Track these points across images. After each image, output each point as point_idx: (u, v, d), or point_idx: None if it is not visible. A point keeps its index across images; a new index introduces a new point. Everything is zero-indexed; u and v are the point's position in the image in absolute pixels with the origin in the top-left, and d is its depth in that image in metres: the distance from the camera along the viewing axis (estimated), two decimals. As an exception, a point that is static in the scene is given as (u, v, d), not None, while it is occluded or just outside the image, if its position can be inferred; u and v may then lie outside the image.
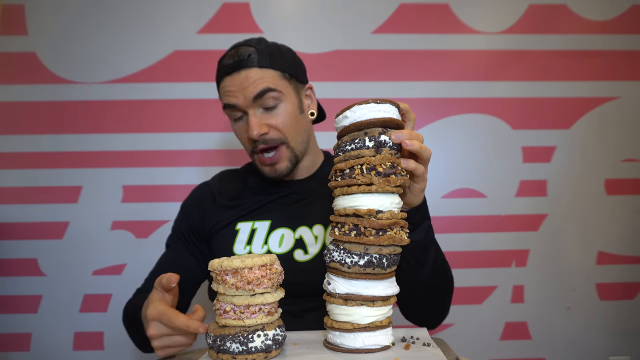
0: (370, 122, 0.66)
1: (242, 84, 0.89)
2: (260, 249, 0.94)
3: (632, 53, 1.59)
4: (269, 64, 0.91)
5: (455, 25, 1.58)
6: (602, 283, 1.60)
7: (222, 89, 0.93)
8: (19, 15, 1.52)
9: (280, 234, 0.95)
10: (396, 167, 0.65)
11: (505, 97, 1.59)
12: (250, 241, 0.95)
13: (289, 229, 0.96)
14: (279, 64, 0.92)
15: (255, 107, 0.90)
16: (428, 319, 0.90)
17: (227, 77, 0.91)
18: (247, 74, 0.89)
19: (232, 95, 0.90)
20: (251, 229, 0.96)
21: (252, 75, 0.89)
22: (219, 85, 0.95)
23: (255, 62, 0.89)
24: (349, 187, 0.65)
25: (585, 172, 1.60)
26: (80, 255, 1.54)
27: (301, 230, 0.95)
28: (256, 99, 0.89)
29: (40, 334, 1.53)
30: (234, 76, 0.90)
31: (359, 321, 0.66)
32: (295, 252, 0.94)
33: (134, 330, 0.89)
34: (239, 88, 0.89)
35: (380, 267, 0.65)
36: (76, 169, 1.53)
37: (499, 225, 1.59)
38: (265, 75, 0.90)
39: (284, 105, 0.92)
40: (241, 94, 0.89)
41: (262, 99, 0.89)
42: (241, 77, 0.89)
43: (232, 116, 0.94)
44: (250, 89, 0.88)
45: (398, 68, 1.58)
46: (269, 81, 0.90)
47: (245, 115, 0.92)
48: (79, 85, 1.53)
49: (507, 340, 1.60)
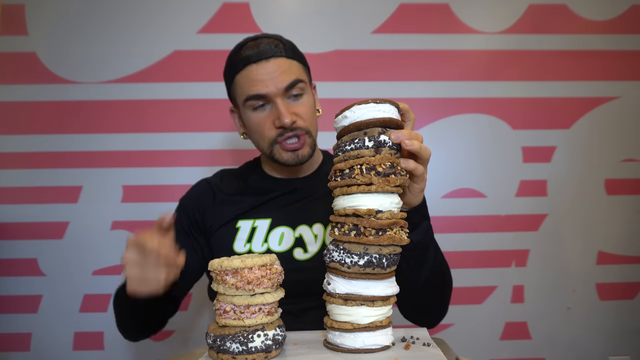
0: (369, 122, 0.66)
1: (273, 72, 0.89)
2: (260, 247, 0.95)
3: (632, 53, 1.59)
4: (293, 55, 0.93)
5: (455, 25, 1.58)
6: (602, 283, 1.60)
7: (245, 79, 0.91)
8: (19, 15, 1.52)
9: (280, 232, 0.96)
10: (396, 167, 0.65)
11: (505, 97, 1.59)
12: (250, 239, 0.95)
13: (289, 228, 0.96)
14: (300, 58, 0.95)
15: (284, 96, 0.91)
16: (427, 318, 0.90)
17: (253, 66, 0.90)
18: (277, 62, 0.89)
19: (262, 84, 0.89)
20: (252, 227, 0.96)
21: (282, 65, 0.90)
22: (234, 77, 0.94)
23: (283, 52, 0.91)
24: (349, 187, 0.65)
25: (585, 172, 1.60)
26: (80, 255, 1.54)
27: (301, 229, 0.96)
28: (288, 88, 0.90)
29: (40, 334, 1.53)
30: (263, 64, 0.89)
31: (359, 321, 0.66)
32: (295, 251, 0.94)
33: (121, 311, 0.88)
34: (270, 77, 0.89)
35: (380, 267, 0.65)
36: (76, 169, 1.53)
37: (499, 225, 1.59)
38: (293, 66, 0.92)
39: (306, 96, 0.94)
40: (272, 82, 0.89)
41: (292, 89, 0.91)
42: (271, 65, 0.89)
43: (251, 105, 0.92)
44: (281, 78, 0.89)
45: (398, 68, 1.58)
46: (296, 72, 0.92)
47: (267, 105, 0.92)
48: (79, 85, 1.53)
49: (507, 340, 1.60)
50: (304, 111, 0.93)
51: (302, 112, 0.93)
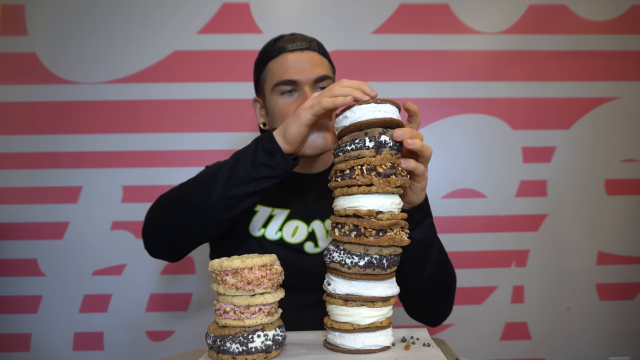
0: (370, 122, 0.65)
1: (306, 62, 0.94)
2: (274, 234, 0.96)
3: (633, 53, 1.59)
4: (325, 54, 1.00)
5: (455, 25, 1.58)
6: (602, 283, 1.60)
7: (278, 65, 0.96)
8: (19, 15, 1.52)
9: (295, 225, 0.97)
10: (396, 168, 0.65)
11: (505, 97, 1.59)
12: (266, 225, 0.97)
13: (304, 222, 0.98)
14: (330, 60, 1.02)
15: (313, 86, 0.95)
16: (432, 316, 0.91)
17: (288, 54, 0.95)
18: (312, 55, 0.96)
19: (294, 71, 0.94)
20: (269, 214, 0.98)
21: (316, 58, 0.96)
22: (266, 64, 0.98)
23: (317, 48, 0.98)
24: (349, 188, 0.65)
25: (586, 172, 1.60)
26: (80, 255, 1.54)
27: (314, 224, 0.98)
28: (317, 81, 0.94)
29: (40, 334, 1.53)
30: (299, 54, 0.95)
31: (359, 322, 0.66)
32: (306, 245, 0.96)
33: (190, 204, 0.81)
34: (302, 66, 0.94)
35: (381, 267, 0.65)
36: (76, 169, 1.53)
37: (499, 225, 1.59)
38: (323, 62, 0.98)
39: None
40: (304, 71, 0.93)
41: (321, 82, 0.95)
42: (306, 56, 0.95)
43: (279, 90, 0.96)
44: (314, 70, 0.94)
45: (398, 68, 1.58)
46: (326, 68, 0.97)
47: (295, 92, 0.96)
48: (79, 86, 1.53)
49: (507, 341, 1.60)
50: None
51: None
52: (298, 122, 0.72)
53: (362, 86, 0.69)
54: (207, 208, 0.78)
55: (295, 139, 0.73)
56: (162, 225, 0.85)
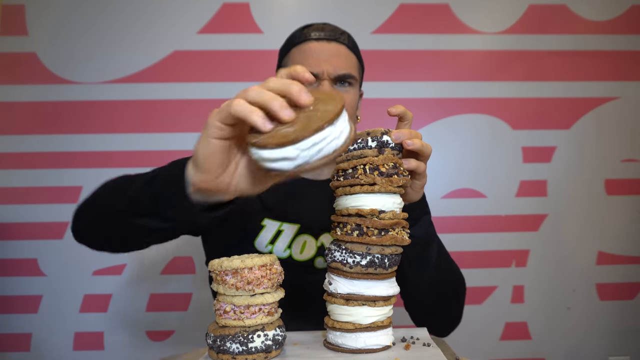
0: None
1: (330, 54, 0.87)
2: (282, 252, 0.91)
3: (632, 53, 1.59)
4: (354, 49, 0.92)
5: (455, 25, 1.58)
6: (602, 283, 1.60)
7: (300, 52, 0.89)
8: (19, 15, 1.52)
9: (303, 240, 0.92)
10: (398, 168, 0.66)
11: (505, 97, 1.59)
12: (274, 241, 0.92)
13: (312, 237, 0.92)
14: (359, 55, 0.94)
15: (333, 82, 0.88)
16: (438, 322, 0.88)
17: (313, 42, 0.88)
18: (338, 47, 0.88)
19: (316, 62, 0.86)
20: (278, 229, 0.92)
21: (342, 52, 0.89)
22: (290, 49, 0.91)
23: (346, 40, 0.90)
24: (352, 187, 0.65)
25: (585, 172, 1.60)
26: (80, 255, 1.52)
27: (324, 238, 0.93)
28: (339, 79, 0.88)
29: (40, 334, 1.53)
30: (323, 43, 0.88)
31: (361, 321, 0.66)
32: (317, 260, 0.92)
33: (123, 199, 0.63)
34: (326, 57, 0.87)
35: (382, 267, 0.65)
36: (76, 169, 1.53)
37: (499, 225, 1.59)
38: (350, 58, 0.90)
39: (353, 90, 0.91)
40: (326, 63, 0.86)
41: (343, 79, 0.89)
42: (332, 47, 0.88)
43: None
44: (337, 63, 0.87)
45: (398, 68, 1.58)
46: (352, 66, 0.90)
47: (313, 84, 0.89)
48: (79, 86, 1.53)
49: (507, 340, 1.60)
50: (348, 100, 0.88)
51: (347, 100, 0.88)
52: (205, 135, 0.51)
53: (291, 87, 0.47)
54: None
55: (207, 161, 0.51)
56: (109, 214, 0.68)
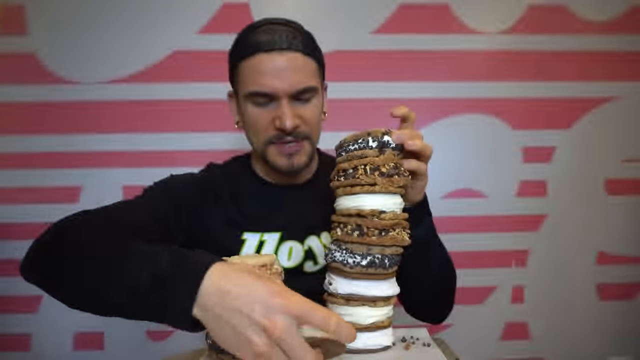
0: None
1: (284, 69, 0.78)
2: None
3: (632, 53, 1.59)
4: (311, 52, 0.82)
5: (455, 25, 1.58)
6: (602, 283, 1.61)
7: (251, 69, 0.80)
8: (19, 15, 1.52)
9: (288, 246, 0.89)
10: (399, 168, 0.66)
11: (505, 97, 1.59)
12: (258, 252, 0.89)
13: (298, 242, 0.89)
14: (317, 55, 0.85)
15: (291, 98, 0.81)
16: (436, 315, 0.91)
17: (263, 55, 0.78)
18: (292, 58, 0.79)
19: (269, 81, 0.78)
20: (259, 241, 0.88)
21: (298, 63, 0.79)
22: (240, 62, 0.82)
23: (300, 46, 0.80)
24: (352, 187, 0.65)
25: (585, 172, 1.60)
26: (80, 255, 1.53)
27: (310, 241, 0.90)
28: (297, 94, 0.80)
29: (40, 334, 1.53)
30: (274, 56, 0.78)
31: (361, 321, 0.66)
32: (306, 265, 0.89)
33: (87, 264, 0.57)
34: (279, 74, 0.78)
35: (382, 267, 0.66)
36: (76, 169, 1.53)
37: (499, 225, 1.59)
38: (307, 66, 0.81)
39: (315, 99, 0.84)
40: (280, 81, 0.78)
41: (302, 94, 0.81)
42: (284, 59, 0.78)
43: (253, 100, 0.81)
44: (292, 78, 0.78)
45: (398, 68, 1.58)
46: (310, 74, 0.81)
47: (271, 103, 0.81)
48: (79, 86, 1.53)
49: (507, 341, 1.60)
50: (309, 115, 0.83)
51: (308, 115, 0.83)
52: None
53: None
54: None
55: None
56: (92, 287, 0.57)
